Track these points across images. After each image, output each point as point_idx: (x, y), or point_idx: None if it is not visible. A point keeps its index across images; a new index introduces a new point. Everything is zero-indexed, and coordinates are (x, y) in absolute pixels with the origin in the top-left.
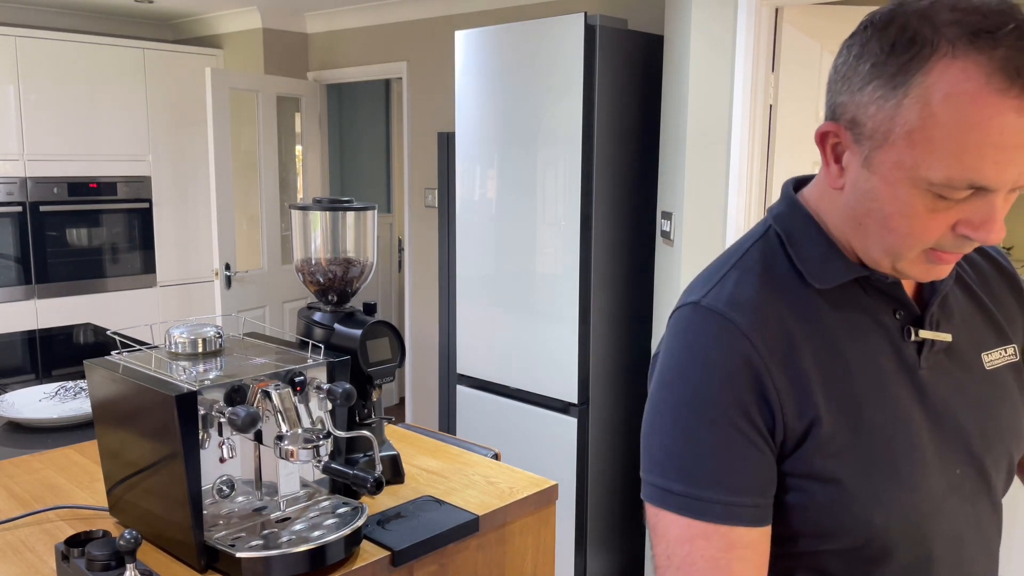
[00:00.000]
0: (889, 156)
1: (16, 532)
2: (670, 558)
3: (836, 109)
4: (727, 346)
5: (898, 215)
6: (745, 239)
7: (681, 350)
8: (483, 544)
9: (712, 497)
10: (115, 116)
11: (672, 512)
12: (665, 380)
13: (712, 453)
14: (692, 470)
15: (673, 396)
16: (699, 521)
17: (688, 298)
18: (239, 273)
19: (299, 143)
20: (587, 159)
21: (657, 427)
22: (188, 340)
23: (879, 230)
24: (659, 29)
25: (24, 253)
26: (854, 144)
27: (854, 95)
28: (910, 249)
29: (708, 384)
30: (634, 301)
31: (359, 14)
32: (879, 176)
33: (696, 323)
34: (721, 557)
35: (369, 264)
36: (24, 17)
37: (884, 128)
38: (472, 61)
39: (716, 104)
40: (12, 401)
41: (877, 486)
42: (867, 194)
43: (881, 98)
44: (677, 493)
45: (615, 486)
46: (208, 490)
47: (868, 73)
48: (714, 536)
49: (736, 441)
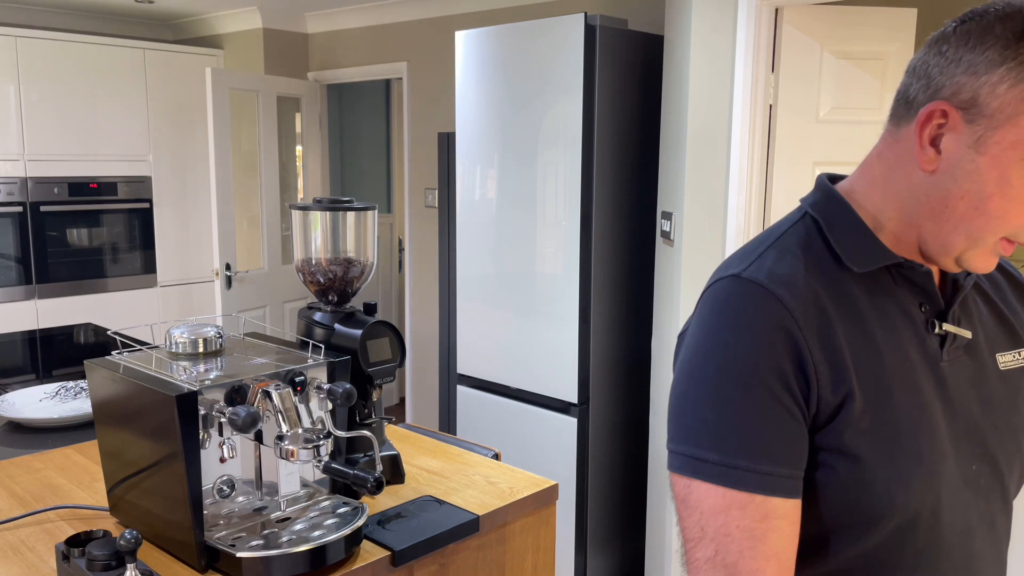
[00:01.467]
0: (1008, 136)
1: (16, 532)
2: (703, 529)
3: (945, 90)
4: (768, 315)
5: (997, 196)
6: (780, 224)
7: (720, 319)
8: (483, 544)
9: (749, 466)
10: (115, 116)
11: (707, 482)
12: (701, 349)
13: (750, 421)
14: (728, 438)
15: (710, 364)
16: (735, 491)
17: (726, 271)
18: (239, 273)
19: (299, 143)
20: (587, 159)
21: (691, 396)
22: (188, 340)
23: (969, 212)
24: (659, 29)
25: (24, 253)
26: (965, 125)
27: (979, 76)
28: (994, 233)
29: (748, 352)
30: (634, 301)
31: (359, 14)
32: (988, 156)
33: (737, 293)
34: (756, 527)
35: (369, 264)
36: (24, 17)
37: (1013, 107)
38: (472, 61)
39: (716, 104)
40: (12, 401)
41: (901, 467)
42: (968, 175)
43: (1017, 78)
44: (712, 462)
45: (615, 486)
46: (208, 490)
47: (999, 56)
48: (750, 506)
49: (774, 410)
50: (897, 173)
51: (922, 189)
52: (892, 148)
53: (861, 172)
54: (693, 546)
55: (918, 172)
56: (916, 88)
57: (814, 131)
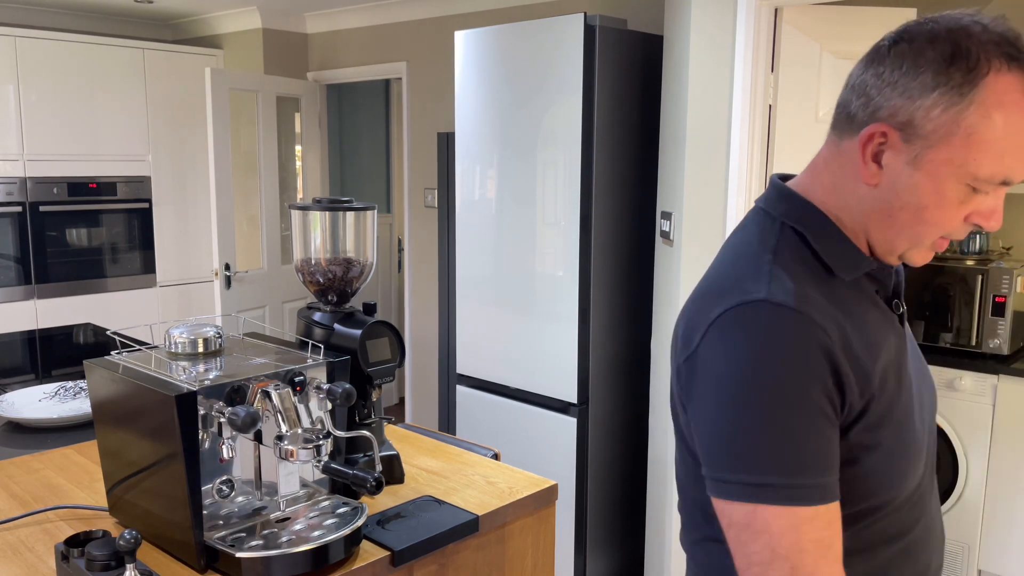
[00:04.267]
0: (941, 154)
1: (16, 532)
2: (775, 551)
3: (882, 112)
4: (806, 337)
5: (933, 207)
6: (758, 234)
7: (758, 347)
8: (483, 544)
9: (811, 482)
10: (115, 116)
11: (774, 505)
12: (742, 375)
13: (807, 441)
14: (790, 461)
15: (755, 390)
16: (802, 507)
17: (744, 296)
18: (239, 273)
19: (299, 143)
20: (587, 159)
21: (741, 423)
22: (188, 340)
23: (910, 221)
24: (659, 29)
25: (24, 253)
26: (903, 144)
27: (914, 100)
28: (931, 237)
29: (794, 374)
30: (634, 301)
31: (359, 14)
32: (924, 172)
33: (770, 318)
34: (824, 536)
35: (369, 264)
36: (24, 17)
37: (945, 129)
38: (472, 61)
39: (716, 104)
40: (12, 401)
41: (910, 447)
42: (908, 189)
43: (948, 102)
44: (778, 486)
45: (615, 486)
46: (208, 490)
47: (932, 81)
48: (816, 518)
49: (824, 426)
50: (844, 184)
51: (867, 201)
52: (837, 159)
53: (813, 177)
54: (763, 569)
55: (862, 185)
56: (857, 105)
57: (813, 131)
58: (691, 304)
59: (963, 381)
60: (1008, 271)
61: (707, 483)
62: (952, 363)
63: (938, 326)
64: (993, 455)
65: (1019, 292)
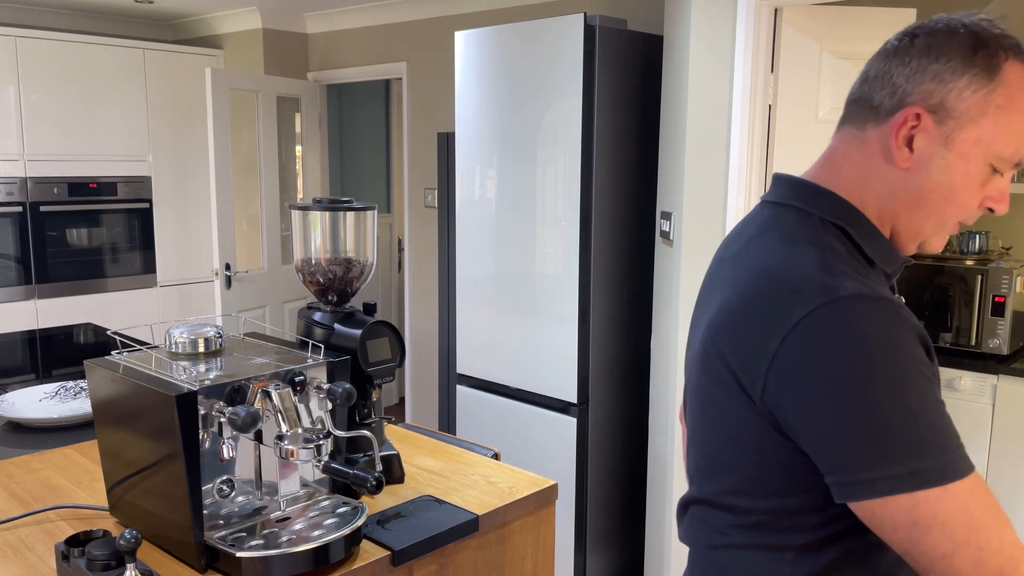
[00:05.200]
0: (972, 133)
1: (16, 532)
2: (953, 536)
3: (913, 96)
4: (903, 323)
5: (963, 187)
6: (806, 231)
7: (870, 337)
8: (483, 544)
9: (957, 454)
10: (115, 116)
11: (935, 487)
12: (862, 370)
13: (939, 416)
14: (934, 439)
15: (880, 380)
16: (960, 481)
17: (831, 294)
18: (239, 273)
19: (299, 143)
20: (587, 159)
21: (876, 417)
22: (188, 340)
23: (941, 202)
24: (659, 29)
25: (24, 253)
26: (935, 126)
27: (946, 83)
28: (955, 219)
29: (909, 358)
30: (634, 301)
31: (359, 14)
32: (956, 153)
33: (868, 310)
34: (991, 503)
35: (369, 264)
36: (24, 17)
37: (976, 109)
38: (472, 61)
39: (716, 104)
40: (12, 401)
41: None
42: (940, 169)
43: (979, 84)
44: (933, 468)
45: (615, 486)
46: (208, 490)
47: (961, 66)
48: (975, 487)
49: (939, 396)
50: (871, 174)
51: (899, 185)
52: (860, 151)
53: (831, 172)
54: (949, 563)
55: (893, 170)
56: (882, 95)
57: (814, 131)
58: (746, 307)
59: (963, 381)
60: (1008, 271)
61: (845, 490)
62: (952, 363)
63: (938, 326)
64: (993, 455)
65: (1019, 292)
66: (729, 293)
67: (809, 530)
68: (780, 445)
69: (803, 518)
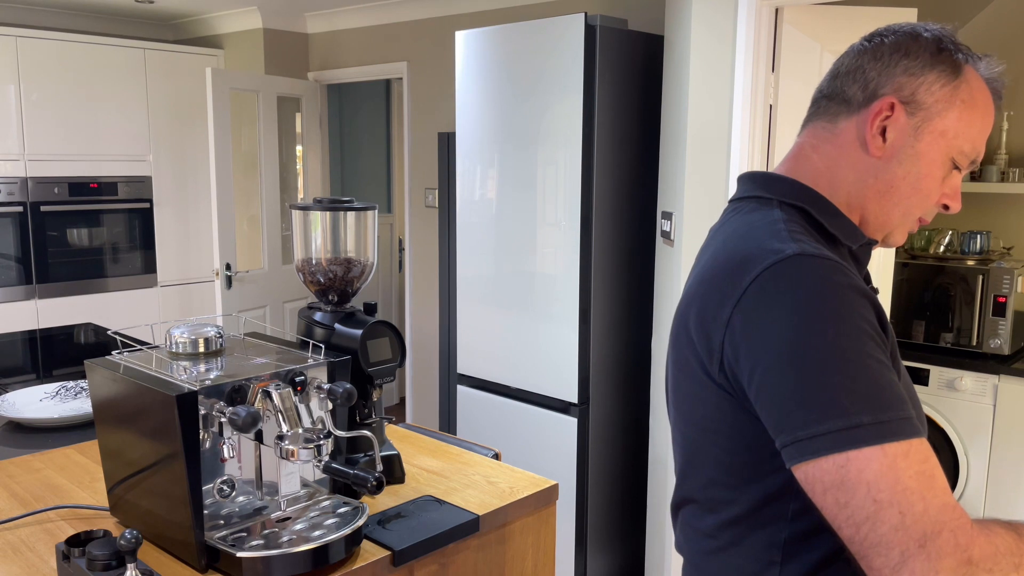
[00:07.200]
0: (938, 125)
1: (17, 532)
2: (876, 499)
3: (886, 88)
4: (850, 281)
5: (928, 177)
6: (760, 214)
7: (810, 295)
8: (483, 544)
9: (897, 415)
10: (115, 116)
11: (867, 446)
12: (802, 325)
13: (881, 376)
14: (873, 395)
15: (820, 335)
16: (894, 442)
17: (776, 256)
18: (239, 273)
19: (299, 143)
20: (587, 159)
21: (814, 372)
22: (189, 340)
23: (909, 191)
24: (659, 29)
25: (25, 253)
26: (906, 117)
27: (917, 77)
28: (919, 211)
29: (851, 313)
30: (634, 301)
31: (359, 14)
32: (924, 143)
33: (812, 268)
34: (924, 469)
35: (369, 264)
36: (24, 17)
37: (944, 103)
38: (472, 61)
39: (716, 104)
40: (13, 401)
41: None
42: (910, 158)
43: (946, 80)
44: (868, 424)
45: (615, 486)
46: (208, 490)
47: (930, 62)
48: (911, 451)
49: (886, 360)
50: (843, 162)
51: (870, 173)
52: (830, 142)
53: (798, 164)
54: (871, 526)
55: (866, 158)
56: (855, 88)
57: None
58: (703, 287)
59: (964, 381)
60: (1009, 271)
61: (787, 453)
62: (953, 363)
63: (939, 326)
64: (994, 455)
65: (1020, 292)
66: (690, 283)
67: (790, 519)
68: (745, 424)
69: (781, 504)
